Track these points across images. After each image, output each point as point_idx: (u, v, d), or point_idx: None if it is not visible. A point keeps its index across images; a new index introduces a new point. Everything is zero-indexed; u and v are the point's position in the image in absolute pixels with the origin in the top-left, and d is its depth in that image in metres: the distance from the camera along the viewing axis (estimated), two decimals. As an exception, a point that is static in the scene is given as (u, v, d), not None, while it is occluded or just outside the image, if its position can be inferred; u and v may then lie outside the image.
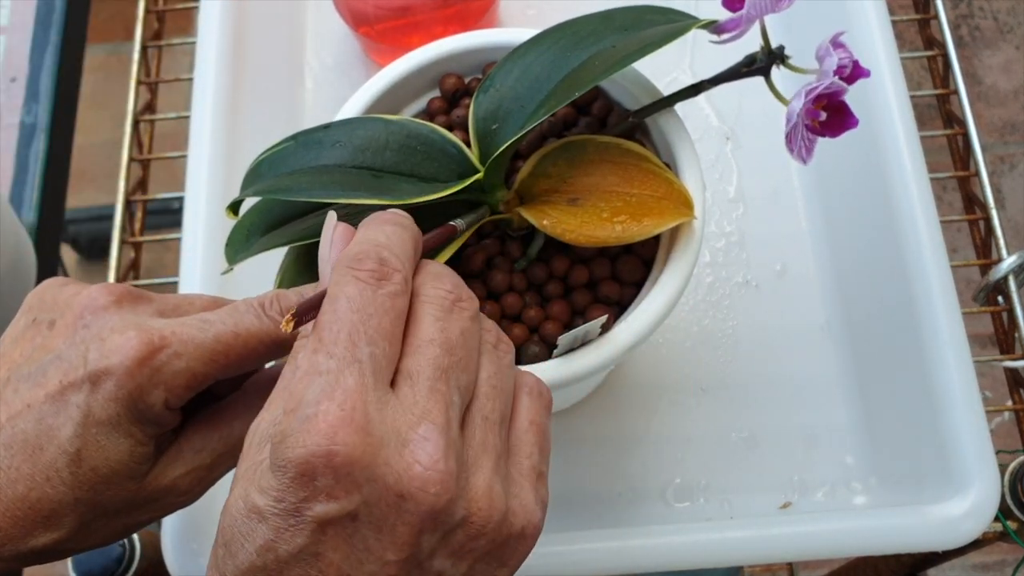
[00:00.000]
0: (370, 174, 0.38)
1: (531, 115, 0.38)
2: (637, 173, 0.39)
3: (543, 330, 0.40)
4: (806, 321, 0.54)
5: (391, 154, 0.39)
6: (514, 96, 0.39)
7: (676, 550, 0.44)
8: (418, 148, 0.39)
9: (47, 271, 0.62)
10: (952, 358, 0.46)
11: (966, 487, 0.44)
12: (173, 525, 0.46)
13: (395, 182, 0.38)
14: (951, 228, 0.53)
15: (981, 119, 1.34)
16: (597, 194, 0.39)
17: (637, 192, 0.39)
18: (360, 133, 0.39)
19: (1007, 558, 1.11)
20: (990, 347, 0.54)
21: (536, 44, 0.40)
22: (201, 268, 0.51)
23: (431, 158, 0.39)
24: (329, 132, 0.39)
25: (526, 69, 0.39)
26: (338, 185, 0.37)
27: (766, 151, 0.58)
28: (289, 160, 0.39)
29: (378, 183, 0.38)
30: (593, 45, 0.39)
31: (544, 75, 0.39)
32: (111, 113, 1.35)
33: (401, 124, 0.39)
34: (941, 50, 0.61)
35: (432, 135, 0.39)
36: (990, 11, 1.42)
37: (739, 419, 0.52)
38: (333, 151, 0.39)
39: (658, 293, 0.39)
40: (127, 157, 0.60)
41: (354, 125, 0.39)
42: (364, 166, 0.38)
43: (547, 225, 0.38)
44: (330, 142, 0.39)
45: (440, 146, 0.39)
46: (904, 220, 0.49)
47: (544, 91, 0.38)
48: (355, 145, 0.39)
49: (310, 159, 0.38)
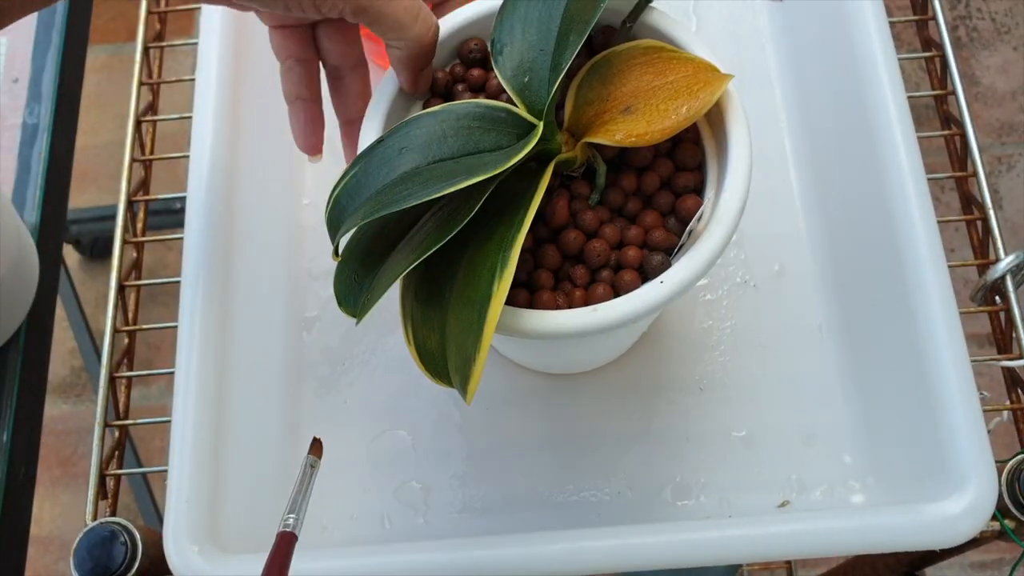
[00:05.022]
0: (451, 162, 0.39)
1: (557, 52, 0.40)
2: (664, 64, 0.41)
3: (651, 240, 0.41)
4: (804, 321, 0.54)
5: (453, 140, 0.40)
6: (528, 46, 0.41)
7: (675, 548, 0.45)
8: (473, 125, 0.40)
9: (49, 271, 0.62)
10: (950, 357, 0.46)
11: (964, 486, 0.45)
12: (175, 524, 0.46)
13: (474, 160, 0.39)
14: (949, 228, 0.53)
15: (979, 120, 1.35)
16: (643, 95, 0.41)
17: (673, 79, 0.41)
18: (417, 133, 0.40)
19: (1005, 556, 1.11)
20: (988, 347, 0.55)
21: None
22: (203, 268, 0.51)
23: (488, 129, 0.40)
24: (388, 144, 0.40)
25: (525, 19, 0.41)
26: (432, 180, 0.37)
27: (765, 151, 0.59)
28: (367, 183, 0.39)
29: (462, 166, 0.38)
30: None
31: (545, 16, 0.41)
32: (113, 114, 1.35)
33: (447, 111, 0.40)
34: (939, 51, 0.61)
35: (478, 108, 0.40)
36: (988, 12, 1.42)
37: (738, 418, 0.53)
38: (403, 158, 0.39)
39: (735, 152, 0.42)
40: (129, 158, 0.60)
41: (407, 129, 0.40)
42: (439, 159, 0.39)
43: (621, 139, 0.40)
44: (395, 151, 0.39)
45: (490, 115, 0.40)
46: (902, 220, 0.49)
47: (553, 30, 0.41)
48: (419, 144, 0.39)
49: (386, 174, 0.39)
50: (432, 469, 0.52)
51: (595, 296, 0.41)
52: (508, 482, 0.52)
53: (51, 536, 1.19)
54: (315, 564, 0.46)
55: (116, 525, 0.48)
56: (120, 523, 0.48)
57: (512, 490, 0.52)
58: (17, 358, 0.58)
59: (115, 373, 0.55)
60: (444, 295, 0.38)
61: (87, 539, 0.47)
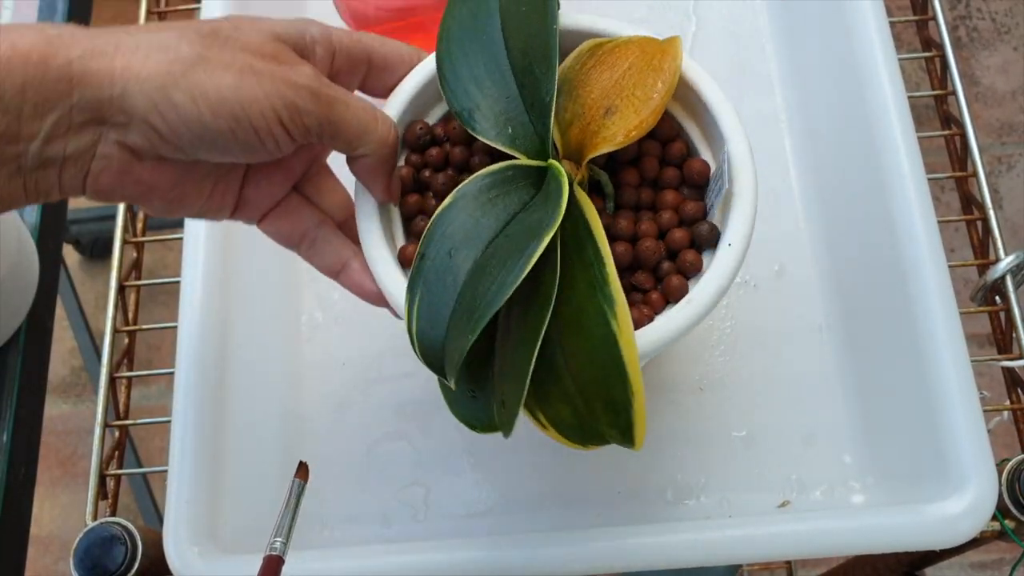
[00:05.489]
0: (502, 239, 0.37)
1: (526, 91, 0.40)
2: (611, 56, 0.42)
3: (684, 215, 0.41)
4: (804, 321, 0.54)
5: (488, 219, 0.38)
6: (493, 99, 0.40)
7: (675, 548, 0.45)
8: (493, 196, 0.38)
9: (49, 271, 0.62)
10: (950, 357, 0.46)
11: (964, 486, 0.45)
12: (175, 524, 0.46)
13: (520, 226, 0.37)
14: (949, 228, 0.53)
15: (979, 120, 1.35)
16: (614, 92, 0.41)
17: (629, 63, 0.41)
18: (452, 230, 0.37)
19: (1005, 556, 1.11)
20: (988, 347, 0.55)
21: (458, 49, 0.41)
22: (203, 268, 0.51)
23: (508, 192, 0.39)
24: (432, 255, 0.37)
25: (473, 77, 0.41)
26: (504, 265, 0.35)
27: (765, 151, 0.59)
28: (441, 302, 0.36)
29: (515, 238, 0.37)
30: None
31: (492, 65, 0.41)
32: (112, 114, 1.35)
33: (462, 195, 0.38)
34: (939, 51, 0.61)
35: (487, 179, 0.39)
36: (988, 12, 1.42)
37: (738, 418, 0.53)
38: (458, 259, 0.37)
39: (714, 103, 0.42)
40: (129, 158, 0.60)
41: (439, 231, 0.37)
42: (490, 242, 0.37)
43: (623, 139, 0.39)
44: (446, 257, 0.37)
45: (501, 179, 0.39)
46: (902, 220, 0.49)
47: (507, 74, 0.41)
48: (462, 240, 0.37)
49: (453, 282, 0.36)
50: (432, 470, 0.52)
51: (672, 291, 0.40)
52: (508, 483, 0.52)
53: (51, 536, 1.19)
54: (315, 564, 0.46)
55: (116, 525, 0.48)
56: (120, 523, 0.48)
57: (512, 491, 0.52)
58: (17, 358, 0.58)
59: (115, 373, 0.55)
60: (555, 366, 0.36)
61: (87, 539, 0.47)
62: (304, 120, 0.36)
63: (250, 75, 0.35)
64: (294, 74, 0.36)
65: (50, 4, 0.68)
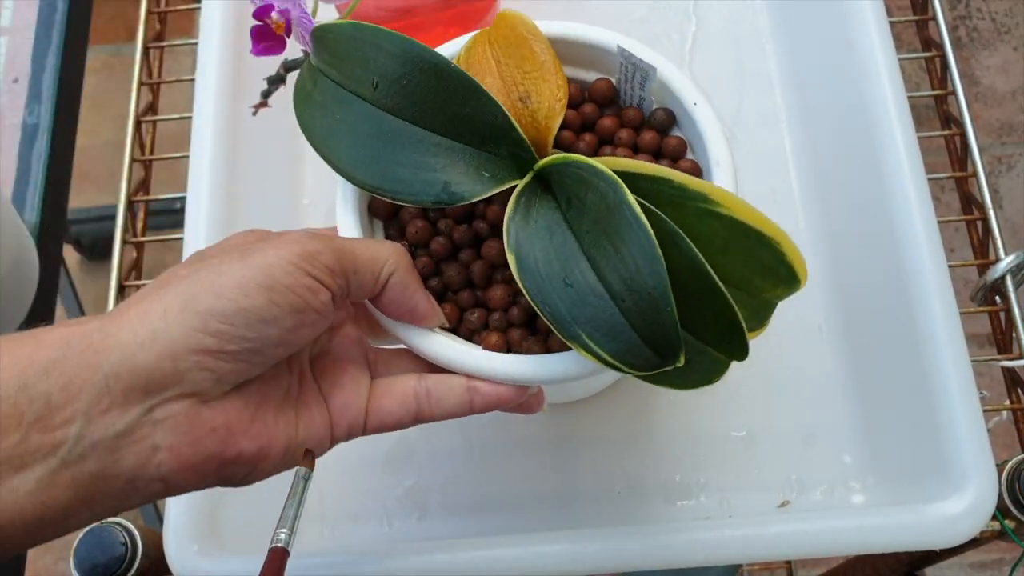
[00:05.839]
0: (582, 235, 0.37)
1: (478, 111, 0.39)
2: (477, 62, 0.42)
3: (642, 142, 0.44)
4: (804, 321, 0.54)
5: (556, 232, 0.38)
6: (448, 165, 0.40)
7: (675, 548, 0.45)
8: (534, 203, 0.39)
9: (49, 271, 0.62)
10: (950, 357, 0.46)
11: (964, 486, 0.45)
12: (175, 523, 0.46)
13: (580, 215, 0.37)
14: (949, 228, 0.53)
15: (979, 120, 1.35)
16: (510, 84, 0.41)
17: (491, 54, 0.42)
18: (543, 264, 0.37)
19: (1005, 556, 1.11)
20: (988, 347, 0.55)
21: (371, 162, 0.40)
22: (203, 268, 0.51)
23: (538, 205, 0.39)
24: (528, 248, 0.38)
25: (400, 163, 0.40)
26: (616, 255, 0.36)
27: (765, 151, 0.59)
28: (603, 312, 0.36)
29: (595, 226, 0.37)
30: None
31: (407, 144, 0.40)
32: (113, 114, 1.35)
33: (519, 231, 0.38)
34: (939, 51, 0.61)
35: (517, 210, 0.39)
36: (988, 12, 1.42)
37: (738, 418, 0.53)
38: (580, 274, 0.37)
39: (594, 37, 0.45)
40: (129, 158, 0.60)
41: (532, 272, 0.37)
42: (579, 246, 0.37)
43: (560, 107, 0.41)
44: (561, 282, 0.37)
45: (522, 203, 0.39)
46: (902, 220, 0.49)
47: (428, 138, 0.39)
48: (557, 264, 0.37)
49: (598, 298, 0.36)
50: (432, 470, 0.52)
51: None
52: (508, 482, 0.52)
53: (51, 536, 1.18)
54: (315, 564, 0.46)
55: (116, 525, 0.48)
56: (120, 523, 0.48)
57: (512, 491, 0.52)
58: (17, 358, 0.58)
59: (115, 373, 0.55)
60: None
61: (87, 539, 0.47)
62: (322, 260, 0.35)
63: (255, 253, 0.35)
64: (289, 235, 0.36)
65: (50, 4, 0.68)
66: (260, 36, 0.41)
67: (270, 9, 0.40)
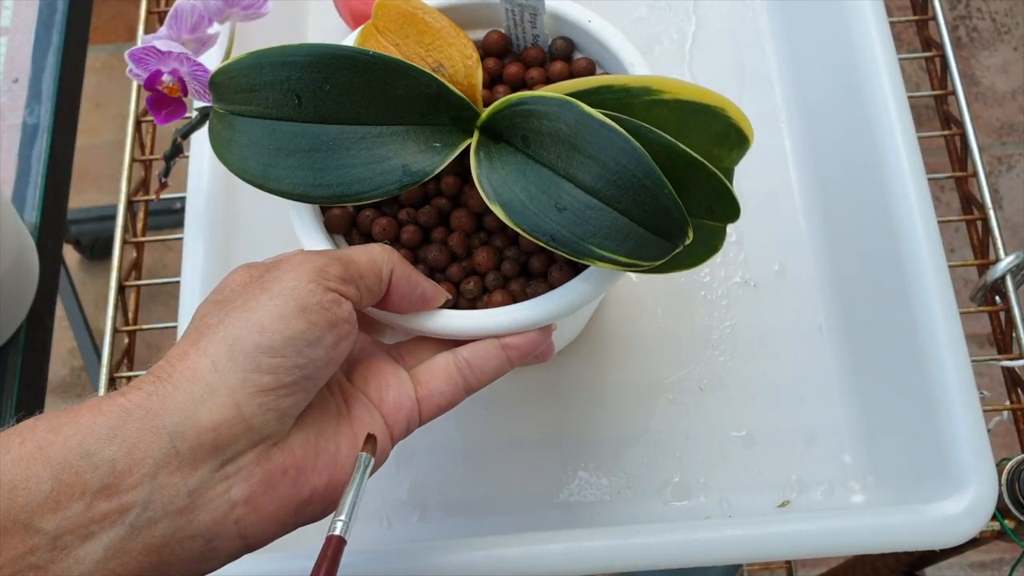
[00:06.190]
0: (547, 155, 0.38)
1: (412, 82, 0.40)
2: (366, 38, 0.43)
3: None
4: (804, 321, 0.54)
5: (522, 158, 0.39)
6: (400, 151, 0.40)
7: (675, 548, 0.45)
8: (495, 154, 0.40)
9: (49, 271, 0.62)
10: (950, 357, 0.46)
11: (964, 486, 0.45)
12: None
13: (549, 139, 0.38)
14: (949, 228, 0.53)
15: (979, 120, 1.35)
16: (417, 60, 0.42)
17: (388, 40, 0.43)
18: (513, 184, 0.39)
19: (1004, 556, 1.11)
20: (988, 347, 0.55)
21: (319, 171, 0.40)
22: (202, 268, 0.51)
23: (500, 151, 0.40)
24: (538, 208, 0.38)
25: (349, 166, 0.40)
26: (592, 159, 0.37)
27: (765, 151, 0.59)
28: (603, 217, 0.37)
29: (567, 142, 0.38)
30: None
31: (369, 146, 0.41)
32: (113, 114, 1.35)
33: (483, 166, 0.40)
34: (939, 51, 0.61)
35: (481, 155, 0.40)
36: (988, 12, 1.42)
37: (738, 418, 0.53)
38: (567, 194, 0.38)
39: None
40: (129, 158, 0.60)
41: (511, 196, 0.39)
42: (549, 166, 0.38)
43: (474, 63, 0.42)
44: (551, 205, 0.38)
45: (486, 150, 0.40)
46: (902, 220, 0.49)
47: (370, 132, 0.40)
48: (533, 182, 0.38)
49: (596, 212, 0.37)
50: (432, 469, 0.52)
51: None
52: (508, 482, 0.52)
53: (51, 536, 1.18)
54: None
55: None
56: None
57: (512, 490, 0.52)
58: (17, 358, 0.58)
59: (115, 373, 0.55)
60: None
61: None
62: (332, 272, 0.35)
63: (273, 283, 0.34)
64: (291, 258, 0.36)
65: (50, 4, 0.68)
66: (158, 104, 0.40)
67: (159, 75, 0.40)
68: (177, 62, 0.40)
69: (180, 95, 0.40)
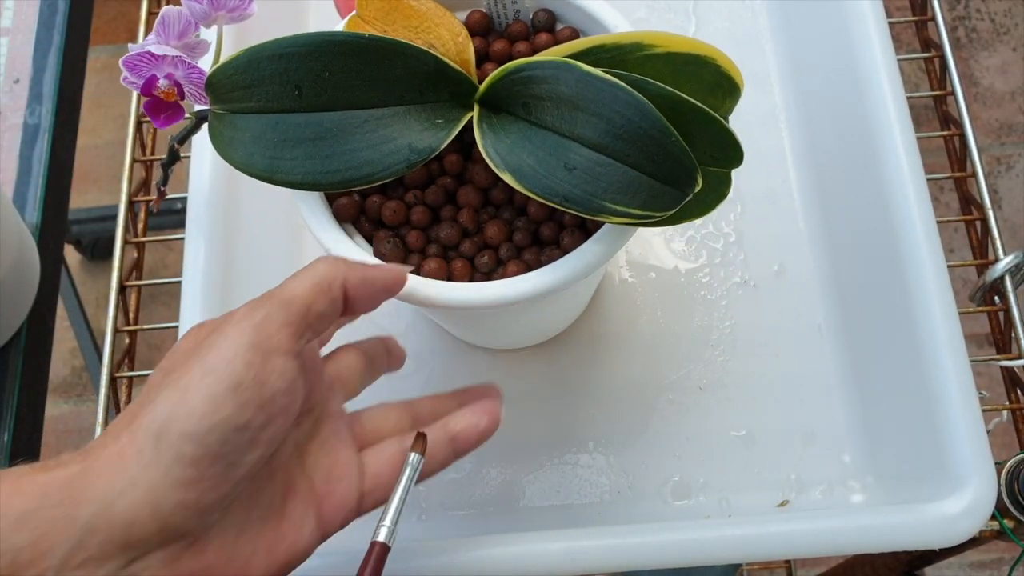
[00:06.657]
0: (551, 118, 0.39)
1: (415, 63, 0.40)
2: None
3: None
4: (804, 320, 0.55)
5: (525, 126, 0.40)
6: (398, 128, 0.40)
7: (674, 548, 0.45)
8: (500, 123, 0.40)
9: (50, 272, 0.62)
10: (949, 357, 0.47)
11: (963, 485, 0.45)
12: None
13: (550, 105, 0.39)
14: (948, 228, 0.53)
15: (978, 120, 1.35)
16: (413, 39, 0.42)
17: (377, 29, 0.43)
18: (521, 148, 0.39)
19: (1004, 556, 1.11)
20: (987, 347, 0.55)
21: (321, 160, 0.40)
22: (203, 268, 0.51)
23: (502, 119, 0.40)
24: (552, 167, 0.39)
25: (357, 149, 0.40)
26: (596, 116, 0.38)
27: (764, 151, 0.59)
28: (615, 171, 0.38)
29: (571, 105, 0.38)
30: None
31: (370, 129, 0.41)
32: (114, 114, 1.35)
33: (488, 136, 0.40)
34: (938, 51, 0.61)
35: (485, 127, 0.40)
36: (987, 13, 1.42)
37: (737, 418, 0.53)
38: (575, 155, 0.38)
39: None
40: (130, 158, 0.60)
41: (517, 161, 0.39)
42: (552, 130, 0.39)
43: (464, 39, 0.42)
44: (562, 166, 0.38)
45: (488, 123, 0.41)
46: (901, 220, 0.49)
47: (358, 115, 0.40)
48: (543, 146, 0.39)
49: (606, 169, 0.38)
50: (432, 469, 0.53)
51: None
52: (508, 481, 0.52)
53: (51, 536, 1.18)
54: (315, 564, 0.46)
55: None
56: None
57: (512, 490, 0.52)
58: (18, 358, 0.59)
59: (116, 373, 0.55)
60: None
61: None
62: (273, 322, 0.34)
63: (210, 350, 0.33)
64: (234, 316, 0.35)
65: (51, 4, 0.68)
66: (155, 109, 0.40)
67: (155, 81, 0.40)
68: (172, 66, 0.40)
69: (177, 99, 0.40)
